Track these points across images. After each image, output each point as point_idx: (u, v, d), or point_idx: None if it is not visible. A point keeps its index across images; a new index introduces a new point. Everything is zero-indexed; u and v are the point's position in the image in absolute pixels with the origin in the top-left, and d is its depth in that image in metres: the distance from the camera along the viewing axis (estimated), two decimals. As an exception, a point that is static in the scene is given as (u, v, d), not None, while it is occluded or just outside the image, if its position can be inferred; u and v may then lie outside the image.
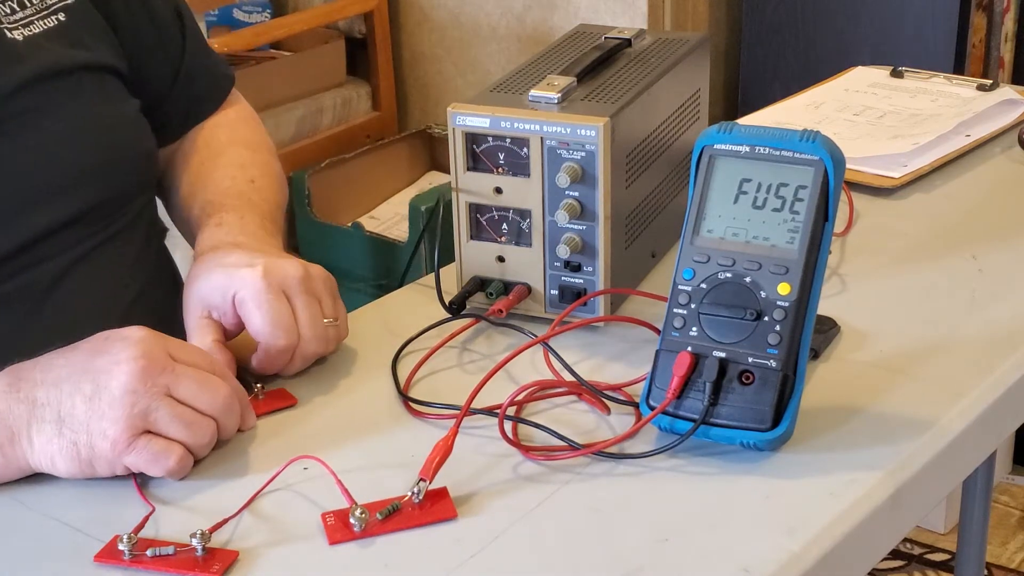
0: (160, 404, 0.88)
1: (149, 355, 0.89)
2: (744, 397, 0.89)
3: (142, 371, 0.88)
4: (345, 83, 2.94)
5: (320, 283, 1.03)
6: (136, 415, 0.87)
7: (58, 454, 0.88)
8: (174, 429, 0.88)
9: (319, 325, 1.01)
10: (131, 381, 0.87)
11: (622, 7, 2.56)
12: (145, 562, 0.82)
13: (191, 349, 0.94)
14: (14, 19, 1.10)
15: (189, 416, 0.89)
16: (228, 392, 0.92)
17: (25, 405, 0.89)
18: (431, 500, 0.86)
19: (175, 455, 0.88)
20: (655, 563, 0.81)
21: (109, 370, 0.88)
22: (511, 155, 1.06)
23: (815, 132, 0.90)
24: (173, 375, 0.89)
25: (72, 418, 0.88)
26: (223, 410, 0.91)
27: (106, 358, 0.89)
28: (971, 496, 1.59)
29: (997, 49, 2.36)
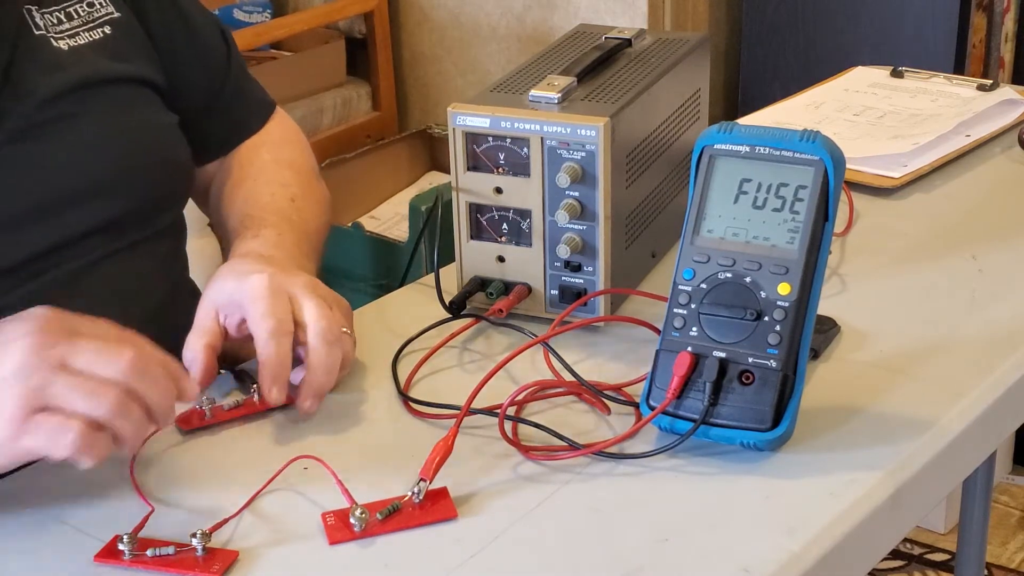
0: (55, 377, 0.82)
1: (44, 329, 0.83)
2: (744, 397, 0.89)
3: (34, 344, 0.82)
4: (345, 83, 2.94)
5: (332, 298, 1.00)
6: (31, 390, 0.81)
7: None
8: (72, 400, 0.82)
9: (329, 314, 0.96)
10: (23, 356, 0.82)
11: (622, 7, 2.56)
12: (145, 562, 0.82)
13: (98, 323, 0.87)
14: (61, 29, 1.11)
15: (89, 386, 0.82)
16: (134, 355, 0.84)
17: None
18: (431, 500, 0.86)
19: (74, 430, 0.81)
20: (655, 563, 0.81)
21: (4, 348, 0.83)
22: (511, 155, 1.06)
23: (815, 132, 0.90)
24: (69, 346, 0.83)
25: None
26: (131, 374, 0.83)
27: (3, 337, 0.84)
28: (971, 496, 1.59)
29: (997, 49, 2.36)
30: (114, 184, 1.11)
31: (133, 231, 1.13)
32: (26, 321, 0.85)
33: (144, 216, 1.14)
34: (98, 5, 1.15)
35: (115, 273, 1.12)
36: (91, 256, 1.10)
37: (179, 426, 0.96)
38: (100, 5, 1.15)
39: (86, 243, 1.09)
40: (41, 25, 1.11)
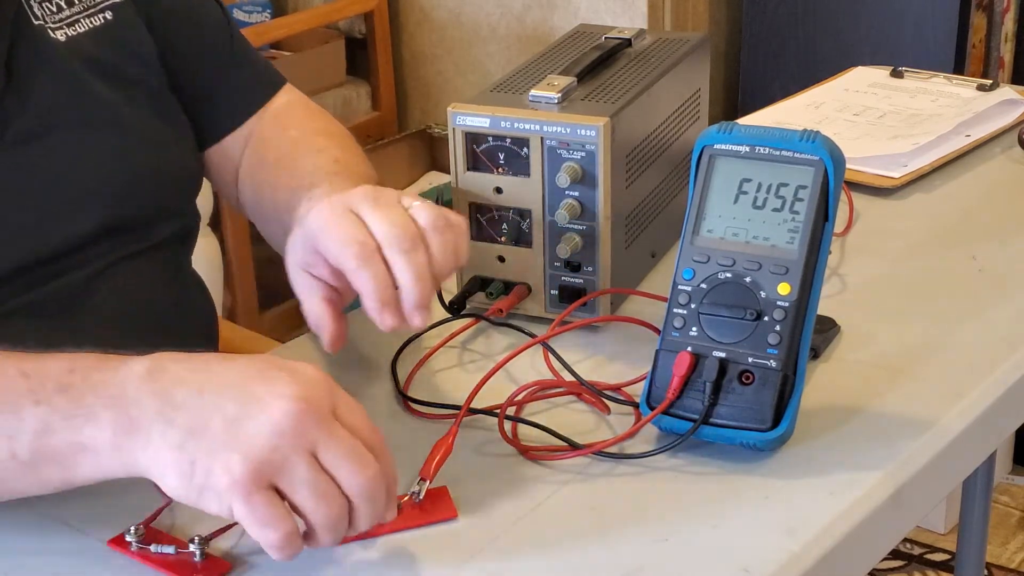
0: (300, 460, 0.76)
1: (312, 400, 0.77)
2: (744, 397, 0.89)
3: (299, 415, 0.76)
4: (345, 83, 2.95)
5: (394, 192, 0.94)
6: (271, 462, 0.75)
7: (172, 466, 0.76)
8: (301, 493, 0.76)
9: (393, 213, 0.91)
10: (283, 422, 0.75)
11: (622, 7, 2.56)
12: (147, 557, 0.82)
13: (357, 412, 0.80)
14: (59, 17, 1.09)
15: (323, 486, 0.76)
16: (376, 472, 0.78)
17: (157, 400, 0.78)
18: (431, 500, 0.86)
19: (284, 528, 0.75)
20: (655, 563, 0.81)
21: (264, 400, 0.76)
22: (511, 155, 1.06)
23: (815, 132, 0.90)
24: (328, 432, 0.76)
25: (203, 435, 0.76)
26: (363, 492, 0.77)
27: (265, 387, 0.77)
28: (971, 496, 1.59)
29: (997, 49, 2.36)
30: (116, 188, 1.09)
31: (137, 237, 1.12)
32: (297, 380, 0.78)
33: (148, 222, 1.13)
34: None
35: (121, 281, 1.10)
36: (97, 263, 1.08)
37: None
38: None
39: (91, 249, 1.08)
40: (39, 15, 1.08)
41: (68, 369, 0.80)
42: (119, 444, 0.78)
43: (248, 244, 2.69)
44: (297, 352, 1.10)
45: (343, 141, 1.19)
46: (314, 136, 1.18)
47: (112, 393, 0.78)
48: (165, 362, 0.80)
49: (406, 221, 0.91)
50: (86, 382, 0.79)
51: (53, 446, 0.79)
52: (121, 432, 0.77)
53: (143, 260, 1.12)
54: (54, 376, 0.80)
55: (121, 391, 0.78)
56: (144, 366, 0.79)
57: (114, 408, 0.78)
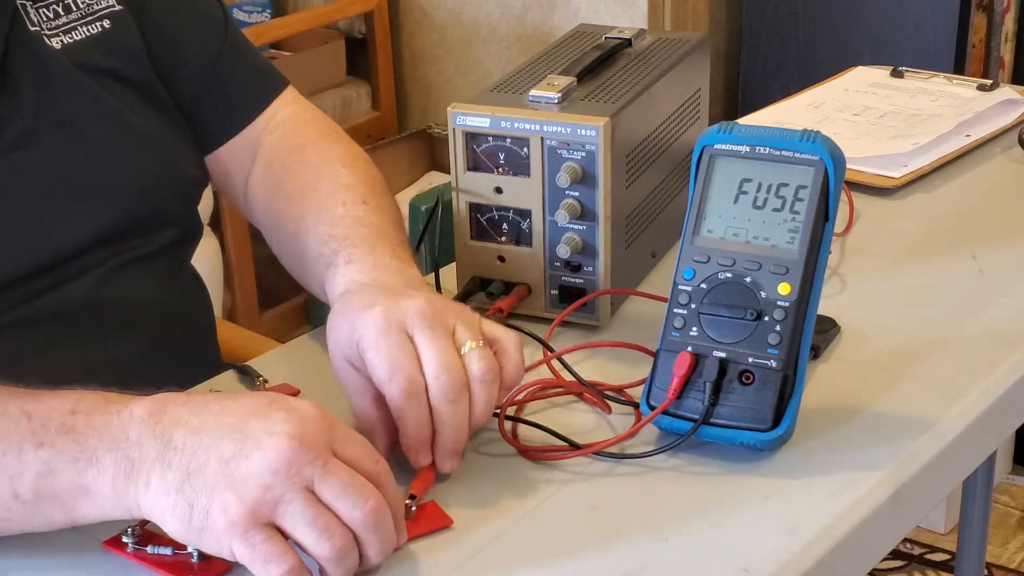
0: (296, 497, 0.76)
1: (306, 438, 0.77)
2: (744, 397, 0.89)
3: (292, 452, 0.76)
4: (345, 83, 2.95)
5: (450, 313, 0.90)
6: (266, 501, 0.76)
7: (171, 509, 0.77)
8: (301, 530, 0.76)
9: (447, 352, 0.87)
10: (276, 460, 0.76)
11: (622, 7, 2.56)
12: (144, 558, 0.82)
13: (357, 444, 0.80)
14: (56, 24, 1.07)
15: (323, 521, 0.76)
16: (377, 503, 0.78)
17: (158, 443, 0.78)
18: (423, 513, 0.85)
19: (287, 564, 0.76)
20: (655, 563, 0.81)
21: (258, 439, 0.77)
22: (511, 155, 1.06)
23: (815, 132, 0.90)
24: (323, 468, 0.77)
25: (200, 476, 0.77)
26: (365, 524, 0.78)
27: (261, 425, 0.78)
28: (971, 496, 1.59)
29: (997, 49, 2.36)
30: (115, 194, 1.08)
31: (136, 244, 1.11)
32: (292, 418, 0.78)
33: (148, 228, 1.12)
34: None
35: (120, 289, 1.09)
36: (96, 271, 1.08)
37: None
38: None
39: (90, 256, 1.07)
40: (35, 21, 1.07)
41: (70, 410, 0.80)
42: (120, 488, 0.79)
43: (248, 244, 2.69)
44: (297, 352, 1.10)
45: (365, 171, 1.15)
46: (337, 168, 1.14)
47: (114, 435, 0.79)
48: (166, 404, 0.80)
49: (458, 367, 0.88)
50: (88, 424, 0.80)
51: (55, 488, 0.79)
52: (121, 475, 0.78)
53: (142, 267, 1.11)
54: (56, 417, 0.80)
55: (123, 434, 0.79)
56: (145, 408, 0.80)
57: (115, 451, 0.79)
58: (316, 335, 1.10)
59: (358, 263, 1.01)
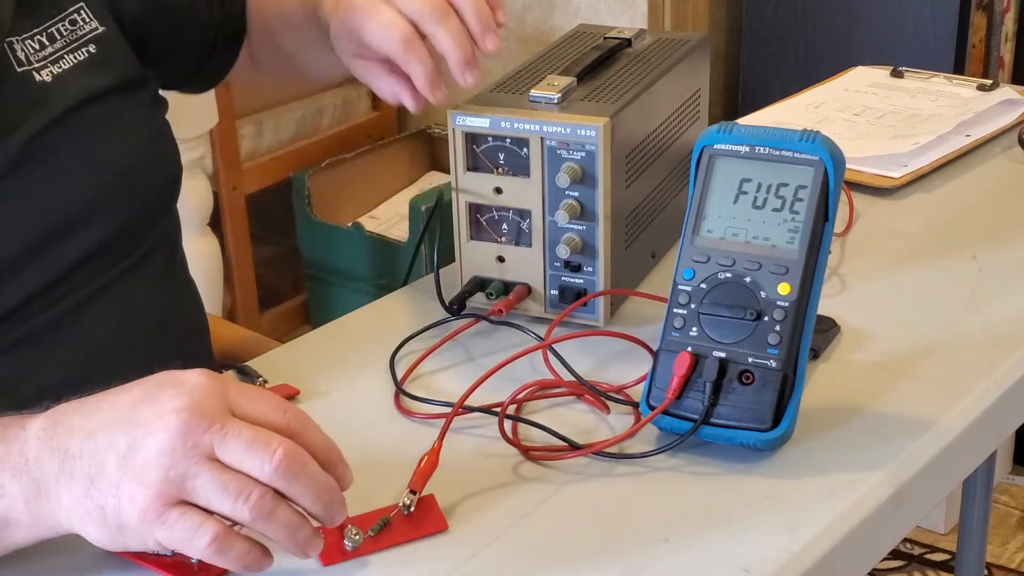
0: (200, 470, 0.74)
1: (198, 407, 0.75)
2: (744, 397, 0.89)
3: (183, 426, 0.74)
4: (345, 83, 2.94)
5: None
6: (171, 480, 0.74)
7: (86, 517, 0.76)
8: (214, 500, 0.74)
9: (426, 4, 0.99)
10: (169, 439, 0.74)
11: (622, 7, 2.56)
12: (145, 559, 0.81)
13: (259, 399, 0.78)
14: (43, 55, 1.06)
15: (235, 484, 0.74)
16: (285, 452, 0.75)
17: (56, 456, 0.77)
18: (421, 511, 0.85)
19: (209, 533, 0.74)
20: (655, 563, 0.81)
21: (149, 424, 0.75)
22: (511, 155, 1.06)
23: (815, 132, 0.90)
24: (221, 433, 0.75)
25: (102, 477, 0.75)
26: (281, 475, 0.75)
27: (150, 408, 0.76)
28: (971, 496, 1.59)
29: (997, 49, 2.36)
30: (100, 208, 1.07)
31: (124, 253, 1.10)
32: (180, 392, 0.76)
33: (133, 235, 1.11)
34: (81, 22, 1.09)
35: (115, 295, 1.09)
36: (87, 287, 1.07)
37: None
38: (84, 21, 1.10)
39: (80, 274, 1.06)
40: (23, 58, 1.05)
41: None
42: (34, 511, 0.78)
43: (248, 244, 2.69)
44: (297, 352, 1.10)
45: None
46: None
47: (14, 463, 0.78)
48: (60, 415, 0.79)
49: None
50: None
51: None
52: (32, 500, 0.78)
53: (132, 276, 1.11)
54: None
55: (22, 458, 0.78)
56: (40, 424, 0.79)
57: (19, 477, 0.78)
58: (316, 335, 1.10)
59: None
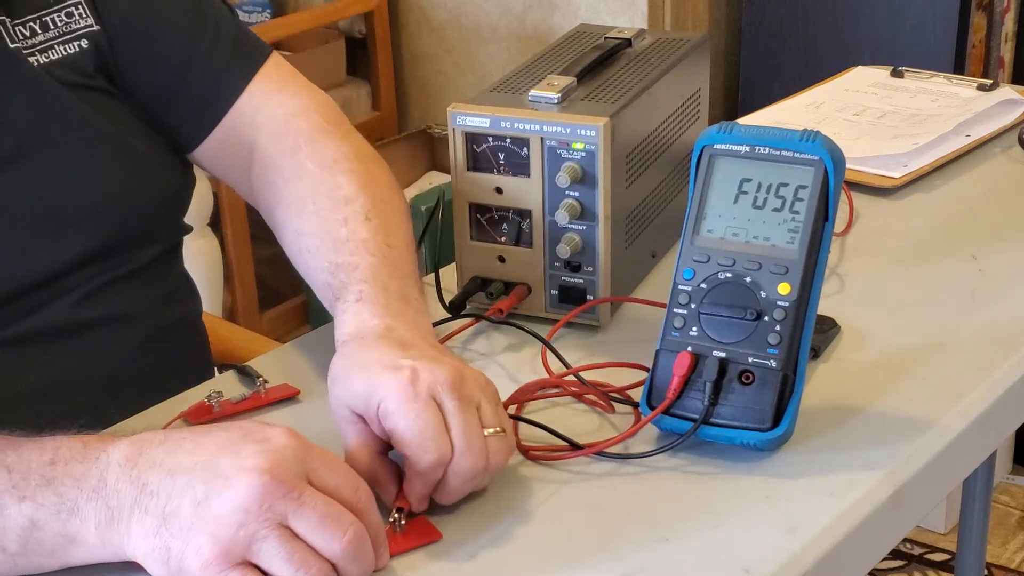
0: (270, 534, 0.75)
1: (278, 471, 0.76)
2: (744, 397, 0.89)
3: (262, 487, 0.75)
4: (345, 83, 2.95)
5: (476, 388, 0.88)
6: (239, 539, 0.75)
7: (150, 553, 0.77)
8: (277, 567, 0.75)
9: (476, 435, 0.85)
10: (247, 498, 0.75)
11: (622, 7, 2.56)
12: None
13: (336, 472, 0.79)
14: (33, 43, 1.05)
15: (300, 556, 0.75)
16: (355, 534, 0.77)
17: (135, 488, 0.78)
18: (414, 524, 0.85)
19: None
20: (655, 563, 0.81)
21: (228, 476, 0.76)
22: (511, 155, 1.06)
23: (815, 132, 0.90)
24: (298, 502, 0.76)
25: (175, 519, 0.76)
26: (344, 555, 0.76)
27: (232, 460, 0.77)
28: (971, 496, 1.59)
29: (997, 49, 2.36)
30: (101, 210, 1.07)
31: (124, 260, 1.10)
32: (264, 450, 0.77)
33: (135, 243, 1.11)
34: (77, 16, 1.08)
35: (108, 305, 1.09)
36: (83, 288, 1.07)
37: (187, 419, 0.96)
38: (80, 16, 1.09)
39: (77, 274, 1.06)
40: (16, 37, 1.05)
41: (50, 461, 0.80)
42: (103, 535, 0.79)
43: (248, 244, 2.69)
44: (297, 352, 1.09)
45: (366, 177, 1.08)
46: (335, 177, 1.08)
47: (93, 485, 0.79)
48: (143, 445, 0.80)
49: (483, 449, 0.85)
50: (68, 474, 0.79)
51: (41, 539, 0.79)
52: (103, 524, 0.78)
53: (128, 283, 1.11)
54: (36, 469, 0.80)
55: (101, 482, 0.79)
56: (123, 452, 0.80)
57: (95, 500, 0.79)
58: (316, 335, 1.10)
59: (368, 304, 0.96)
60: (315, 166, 1.09)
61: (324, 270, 1.02)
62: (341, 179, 1.07)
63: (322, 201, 1.06)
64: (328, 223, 1.04)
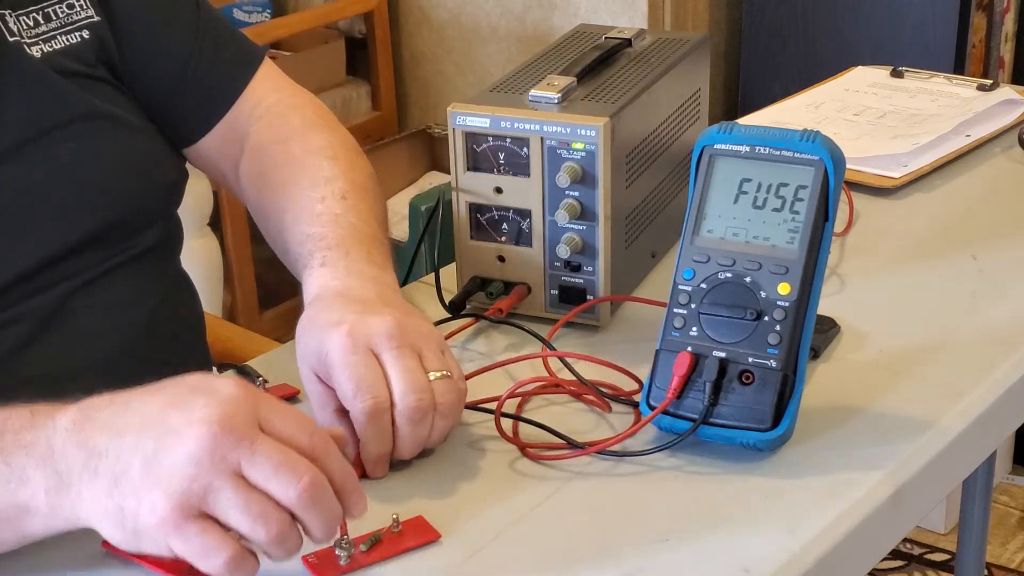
0: (224, 484, 0.74)
1: (228, 420, 0.75)
2: (744, 397, 0.89)
3: (213, 439, 0.74)
4: (345, 83, 2.94)
5: (417, 336, 0.89)
6: (194, 492, 0.74)
7: (104, 515, 0.76)
8: (234, 517, 0.74)
9: (416, 378, 0.87)
10: (197, 450, 0.74)
11: (622, 7, 2.56)
12: (143, 558, 0.81)
13: (289, 419, 0.78)
14: (36, 33, 1.08)
15: (257, 506, 0.74)
16: (311, 480, 0.75)
17: (82, 452, 0.77)
18: (412, 525, 0.85)
19: (226, 553, 0.74)
20: (655, 563, 0.81)
21: (178, 431, 0.75)
22: (511, 155, 1.06)
23: (815, 132, 0.90)
24: (250, 450, 0.75)
25: (125, 479, 0.75)
26: (301, 503, 0.75)
27: (180, 414, 0.76)
28: (971, 496, 1.59)
29: (997, 49, 2.36)
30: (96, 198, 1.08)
31: (119, 248, 1.11)
32: (212, 402, 0.76)
33: (130, 231, 1.12)
34: (78, 7, 1.11)
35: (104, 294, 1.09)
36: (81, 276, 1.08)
37: None
38: (81, 8, 1.11)
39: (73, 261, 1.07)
40: (15, 31, 1.07)
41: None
42: (54, 502, 0.78)
43: (248, 244, 2.69)
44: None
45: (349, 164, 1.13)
46: (319, 161, 1.13)
47: (40, 453, 0.79)
48: (90, 410, 0.79)
49: (427, 389, 0.87)
50: (17, 443, 0.79)
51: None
52: (52, 491, 0.78)
53: (125, 270, 1.11)
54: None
55: (48, 449, 0.78)
56: (70, 417, 0.79)
57: (43, 468, 0.78)
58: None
59: (330, 267, 0.99)
60: (302, 151, 1.14)
61: (296, 242, 1.06)
62: (324, 163, 1.12)
63: (304, 181, 1.11)
64: (307, 199, 1.08)
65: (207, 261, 2.49)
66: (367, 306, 0.92)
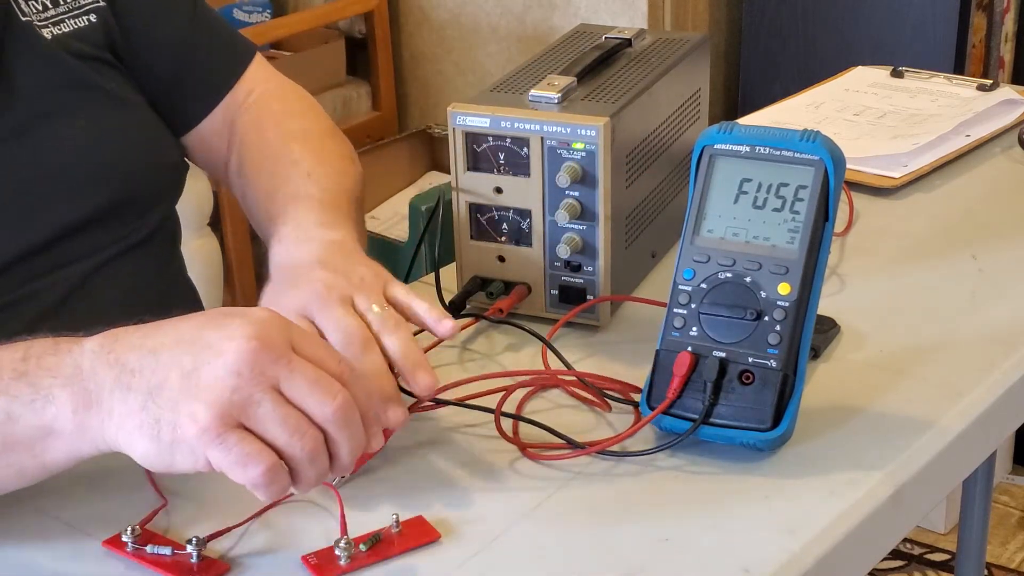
0: (264, 398, 0.76)
1: (266, 338, 0.76)
2: (744, 397, 0.89)
3: (253, 353, 0.75)
4: (345, 83, 2.94)
5: (349, 286, 0.93)
6: (234, 403, 0.75)
7: (137, 430, 0.76)
8: (272, 430, 0.76)
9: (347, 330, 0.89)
10: (238, 362, 0.75)
11: (622, 7, 2.56)
12: (143, 558, 0.82)
13: (319, 345, 0.80)
14: (45, 16, 1.11)
15: (294, 421, 0.76)
16: (345, 399, 0.77)
17: (113, 370, 0.78)
18: (410, 527, 0.85)
19: (265, 463, 0.75)
20: (655, 563, 0.81)
21: (217, 346, 0.76)
22: (511, 155, 1.06)
23: (815, 132, 0.90)
24: (288, 367, 0.76)
25: (162, 392, 0.76)
26: (336, 420, 0.77)
27: (218, 333, 0.77)
28: (971, 496, 1.59)
29: (997, 49, 2.36)
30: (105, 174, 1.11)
31: (129, 228, 1.13)
32: (248, 322, 0.77)
33: (135, 211, 1.14)
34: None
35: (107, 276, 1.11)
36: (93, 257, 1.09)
37: None
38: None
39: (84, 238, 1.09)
40: (26, 11, 1.10)
41: (21, 357, 0.80)
42: (81, 420, 0.78)
43: (248, 244, 2.69)
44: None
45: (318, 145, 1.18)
46: (288, 144, 1.17)
47: (68, 373, 0.79)
48: (117, 333, 0.80)
49: (355, 325, 0.90)
50: (40, 366, 0.79)
51: (18, 434, 0.79)
52: (81, 408, 0.78)
53: (134, 255, 1.13)
54: (8, 366, 0.80)
55: (77, 369, 0.79)
56: (97, 341, 0.80)
57: (70, 385, 0.78)
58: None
59: (279, 244, 1.02)
60: (275, 136, 1.19)
61: (267, 220, 1.10)
62: (295, 147, 1.17)
63: (276, 168, 1.15)
64: (277, 179, 1.13)
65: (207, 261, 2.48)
66: (296, 279, 0.94)
